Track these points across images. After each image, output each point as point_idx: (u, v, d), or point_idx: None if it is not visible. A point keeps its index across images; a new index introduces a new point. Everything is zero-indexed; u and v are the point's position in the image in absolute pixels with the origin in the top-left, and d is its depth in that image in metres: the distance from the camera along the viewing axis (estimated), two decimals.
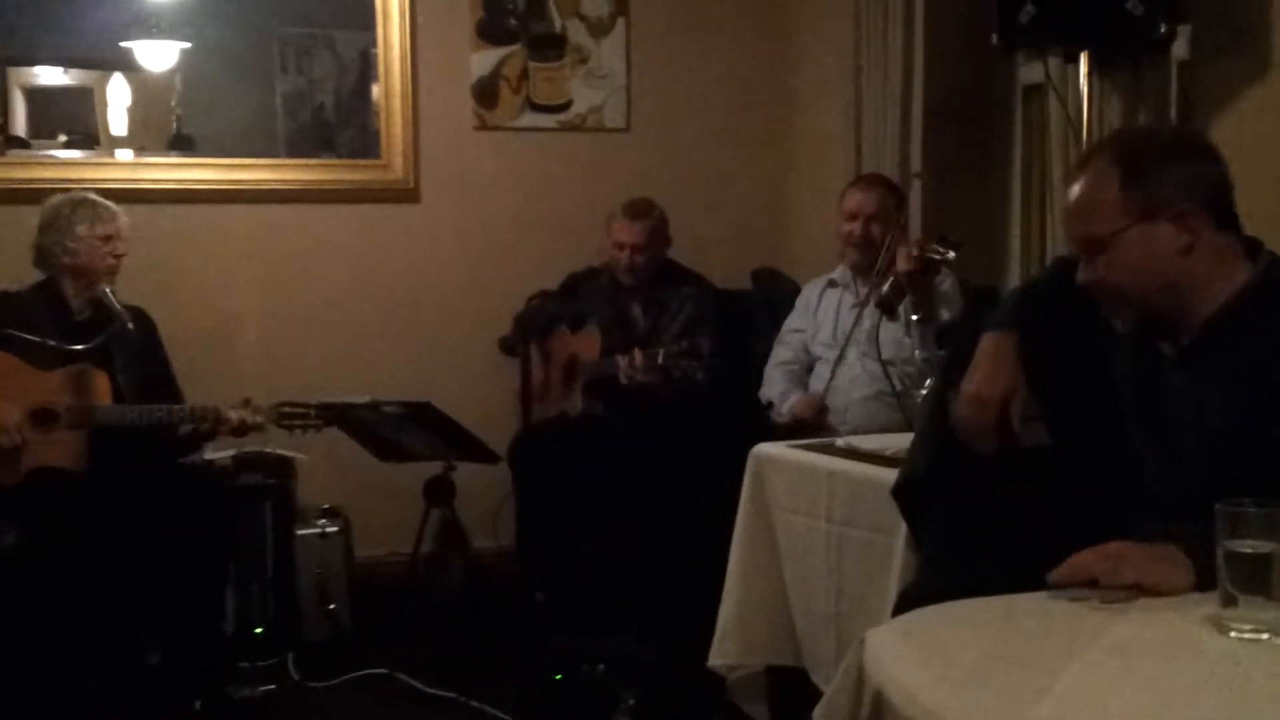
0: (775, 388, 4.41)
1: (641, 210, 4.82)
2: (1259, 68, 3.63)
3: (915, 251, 3.58)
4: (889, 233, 4.18)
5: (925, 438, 2.70)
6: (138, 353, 4.22)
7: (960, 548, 2.50)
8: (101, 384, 4.03)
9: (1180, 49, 3.81)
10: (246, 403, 4.17)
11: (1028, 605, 1.97)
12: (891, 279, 3.67)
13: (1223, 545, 1.77)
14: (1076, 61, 3.95)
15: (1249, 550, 1.75)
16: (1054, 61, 4.12)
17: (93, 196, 4.20)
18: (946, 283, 3.92)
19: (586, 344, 4.82)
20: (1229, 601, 1.77)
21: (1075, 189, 2.34)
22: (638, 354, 4.46)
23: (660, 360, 4.34)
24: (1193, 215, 2.23)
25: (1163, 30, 3.67)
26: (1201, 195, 2.25)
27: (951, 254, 3.54)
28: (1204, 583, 1.88)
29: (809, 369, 4.42)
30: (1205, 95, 3.78)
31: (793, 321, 4.53)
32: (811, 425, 4.15)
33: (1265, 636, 1.74)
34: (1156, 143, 2.32)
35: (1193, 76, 3.83)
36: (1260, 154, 3.21)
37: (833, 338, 4.34)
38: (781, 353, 4.49)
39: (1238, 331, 2.24)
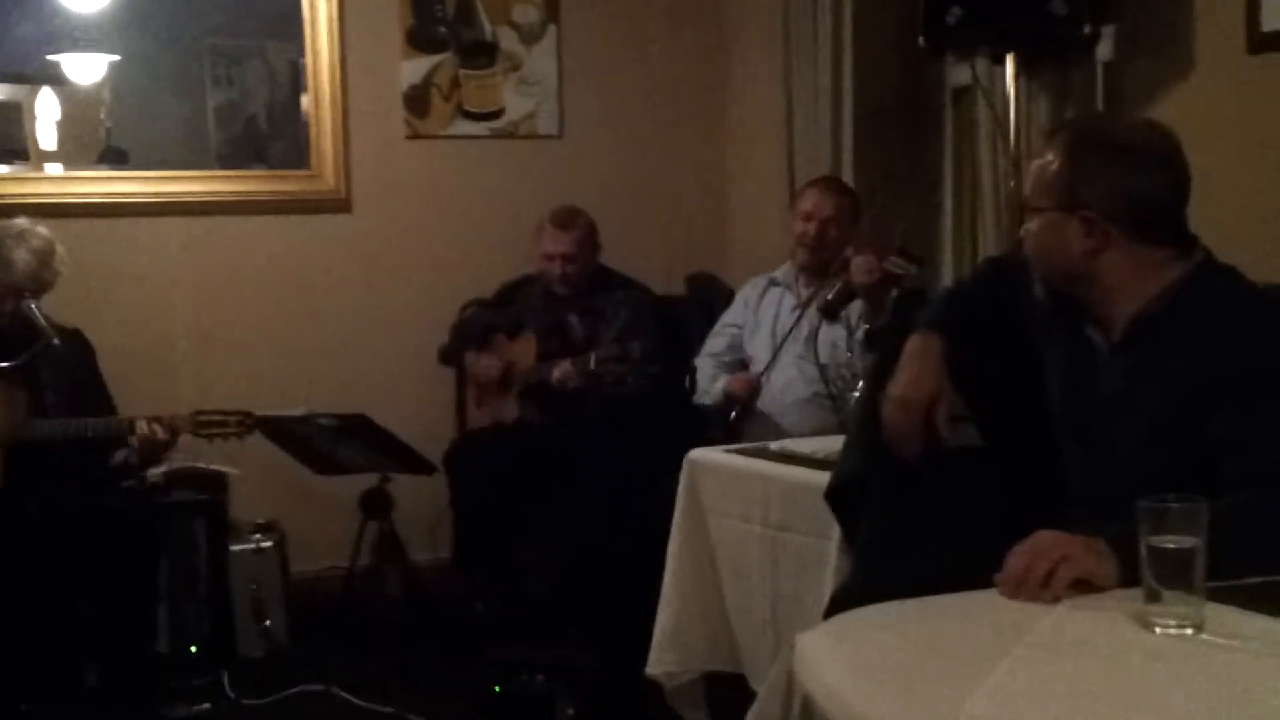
0: (703, 373, 4.42)
1: (569, 219, 4.79)
2: (1182, 67, 3.67)
3: (874, 263, 3.58)
4: (844, 237, 4.19)
5: (856, 440, 2.70)
6: (68, 372, 4.15)
7: (891, 549, 2.51)
8: (19, 400, 3.97)
9: (1105, 49, 3.84)
10: (157, 419, 4.06)
11: (955, 605, 1.98)
12: (839, 283, 3.68)
13: (1146, 541, 1.77)
14: (1003, 63, 3.97)
15: (1171, 545, 1.76)
16: (981, 63, 4.14)
17: (25, 249, 4.04)
18: (892, 291, 3.93)
19: (523, 351, 4.80)
20: (1153, 597, 1.77)
21: (1039, 148, 2.50)
22: (568, 362, 4.48)
23: (592, 365, 4.34)
24: (1102, 226, 2.28)
25: (1087, 31, 3.72)
26: (1125, 209, 2.28)
27: (914, 269, 3.55)
28: (1128, 578, 1.88)
29: (741, 364, 4.42)
30: (1130, 95, 3.82)
31: (729, 316, 4.54)
32: (743, 403, 4.16)
33: (1189, 631, 1.75)
34: (1111, 143, 2.34)
35: (1118, 76, 3.87)
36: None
37: (771, 337, 4.35)
38: (714, 344, 4.50)
39: (1165, 329, 2.27)
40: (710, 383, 4.36)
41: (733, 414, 4.22)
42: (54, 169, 5.05)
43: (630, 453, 4.32)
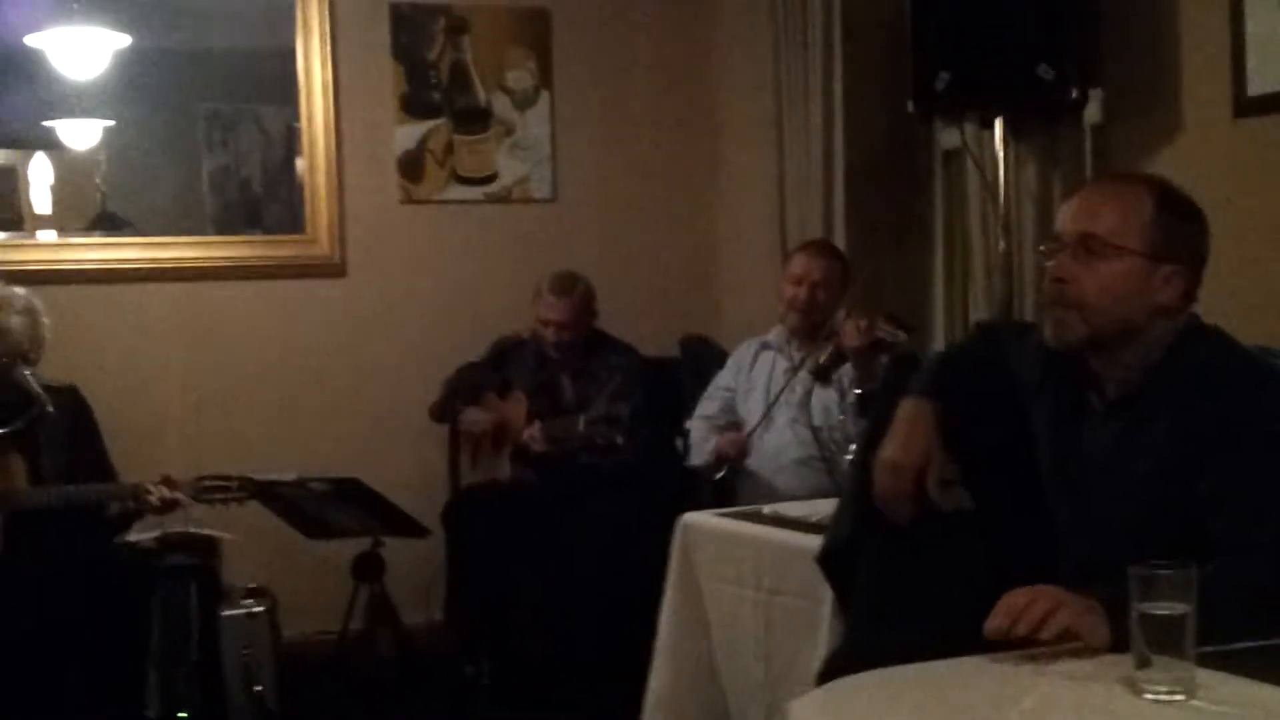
0: (696, 434, 4.41)
1: (566, 286, 4.82)
2: (1170, 129, 3.70)
3: (863, 326, 3.59)
4: (834, 300, 4.20)
5: (848, 504, 2.70)
6: (64, 436, 4.14)
7: (884, 613, 2.50)
8: (16, 467, 3.96)
9: (1093, 112, 3.88)
10: (167, 479, 4.09)
11: (948, 671, 1.97)
12: (831, 347, 3.68)
13: (1136, 607, 1.77)
14: (992, 127, 4.00)
15: (1162, 612, 1.76)
16: (970, 127, 4.17)
17: (12, 313, 4.02)
18: (882, 355, 3.93)
19: (514, 410, 4.80)
20: (1143, 663, 1.77)
21: (1106, 187, 2.43)
22: (536, 427, 4.55)
23: (580, 427, 4.36)
24: (1184, 279, 2.26)
25: (1075, 95, 3.75)
26: (1196, 269, 2.29)
27: (903, 335, 3.55)
28: (1120, 641, 1.88)
29: (734, 427, 4.42)
30: (1118, 157, 3.85)
31: (722, 379, 4.54)
32: (731, 463, 4.15)
33: (1180, 697, 1.75)
34: (1187, 201, 2.33)
35: (1106, 139, 3.90)
36: None
37: (764, 400, 4.35)
38: (707, 407, 4.50)
39: (1156, 389, 2.27)
40: (702, 444, 4.36)
41: (720, 474, 4.21)
42: (48, 235, 5.06)
43: (622, 515, 4.32)
